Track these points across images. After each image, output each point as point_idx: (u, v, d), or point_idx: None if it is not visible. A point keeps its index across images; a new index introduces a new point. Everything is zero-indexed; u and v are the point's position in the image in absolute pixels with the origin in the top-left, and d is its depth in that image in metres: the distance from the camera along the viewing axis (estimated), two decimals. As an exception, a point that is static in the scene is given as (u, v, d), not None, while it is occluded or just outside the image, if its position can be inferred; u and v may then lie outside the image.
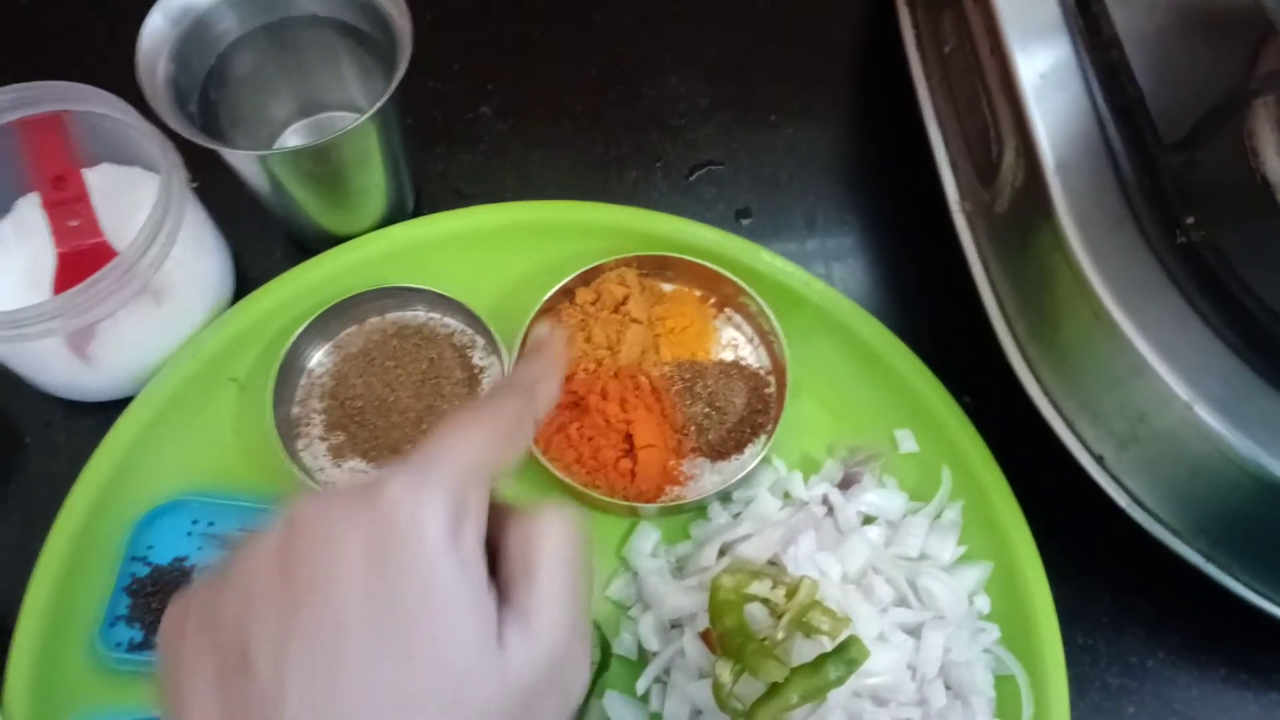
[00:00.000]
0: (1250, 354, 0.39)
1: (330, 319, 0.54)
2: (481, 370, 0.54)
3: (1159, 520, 0.44)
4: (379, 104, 0.48)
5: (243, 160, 0.50)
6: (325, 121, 0.59)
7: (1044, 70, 0.45)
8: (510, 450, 0.31)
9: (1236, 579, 0.43)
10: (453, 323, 0.56)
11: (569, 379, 0.52)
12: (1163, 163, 0.41)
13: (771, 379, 0.54)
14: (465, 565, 0.27)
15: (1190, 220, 0.40)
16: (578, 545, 0.30)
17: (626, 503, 0.49)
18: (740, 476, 0.49)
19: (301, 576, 0.26)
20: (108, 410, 0.53)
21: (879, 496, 0.49)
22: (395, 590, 0.26)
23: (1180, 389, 0.39)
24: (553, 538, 0.30)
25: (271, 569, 0.27)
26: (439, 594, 0.27)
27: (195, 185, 0.52)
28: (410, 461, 0.28)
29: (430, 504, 0.27)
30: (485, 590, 0.28)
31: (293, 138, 0.59)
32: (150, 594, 0.49)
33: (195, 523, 0.51)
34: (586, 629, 0.30)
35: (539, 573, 0.29)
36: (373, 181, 0.54)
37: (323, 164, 0.51)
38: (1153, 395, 0.40)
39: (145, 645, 0.48)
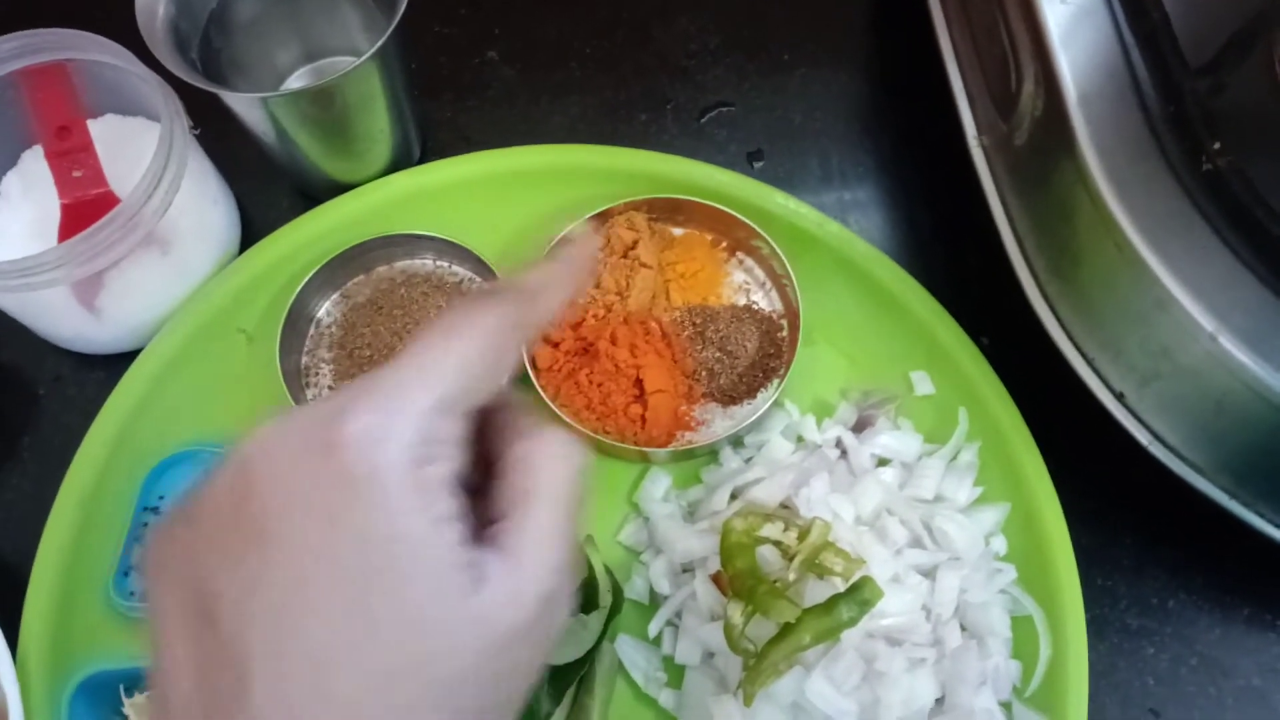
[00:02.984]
0: (1279, 284, 0.38)
1: (337, 268, 0.54)
2: (490, 318, 0.54)
3: (1182, 458, 0.43)
4: (379, 44, 0.47)
5: (244, 104, 0.49)
6: (329, 67, 0.58)
7: (1065, -6, 0.43)
8: (494, 371, 0.27)
9: (1262, 516, 0.42)
10: (461, 270, 0.55)
11: (578, 325, 0.52)
12: (1188, 88, 0.40)
13: (784, 323, 0.53)
14: (432, 511, 0.25)
15: (1217, 147, 0.38)
16: (579, 477, 0.28)
17: (637, 448, 0.49)
18: (752, 420, 0.49)
19: (257, 527, 0.24)
20: (118, 363, 0.53)
21: (893, 439, 0.48)
22: (357, 546, 0.24)
23: (1205, 321, 0.38)
24: (555, 469, 0.28)
25: (228, 513, 0.25)
26: (404, 548, 0.24)
27: (197, 131, 0.51)
28: (375, 389, 0.25)
29: (393, 446, 0.24)
30: (455, 536, 0.25)
31: (297, 84, 0.58)
32: (163, 543, 0.49)
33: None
34: (572, 562, 0.28)
35: (536, 507, 0.27)
36: (377, 127, 0.53)
37: (325, 108, 0.50)
38: (1177, 328, 0.39)
39: (159, 593, 0.48)
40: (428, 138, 0.60)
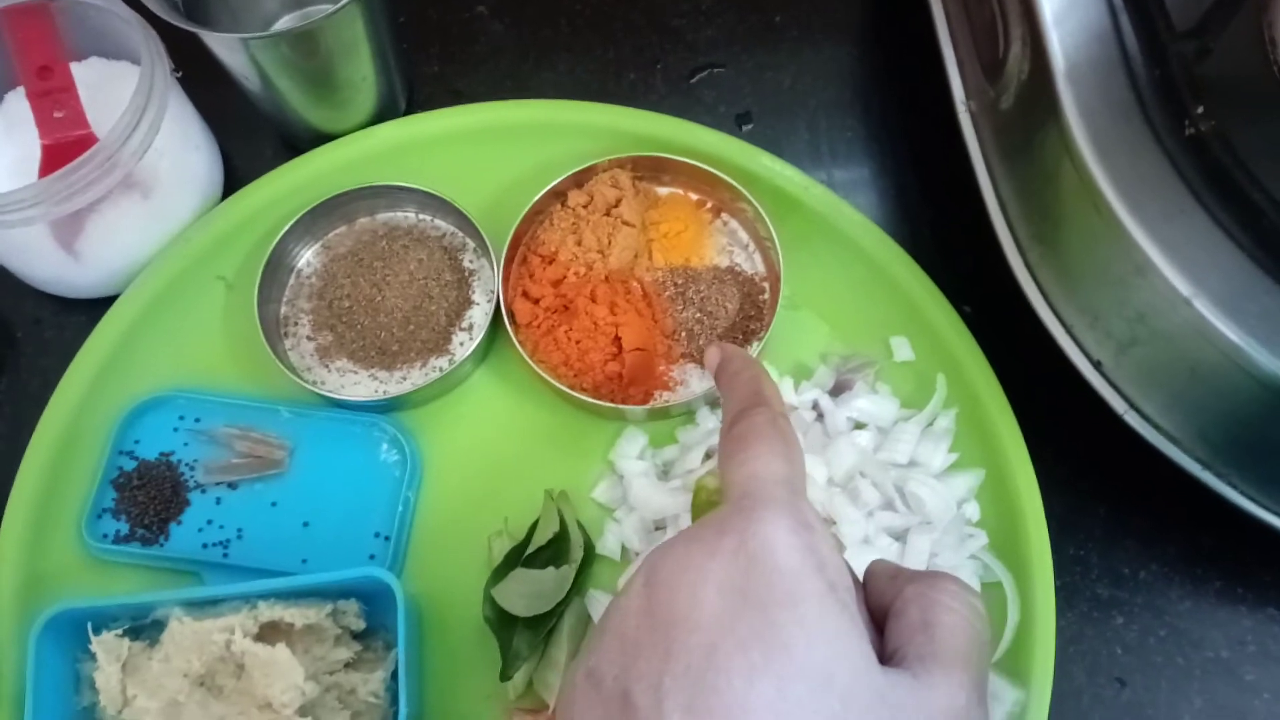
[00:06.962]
0: (1257, 250, 0.37)
1: (319, 218, 0.53)
2: (471, 273, 0.53)
3: (1157, 427, 0.43)
4: (362, -13, 0.46)
5: (225, 46, 0.49)
6: (316, 14, 0.57)
7: (1054, -46, 0.43)
8: (799, 453, 0.33)
9: (1235, 488, 0.42)
10: (443, 224, 0.55)
11: (558, 282, 0.51)
12: (1173, 50, 0.39)
13: (766, 285, 0.52)
14: (827, 575, 0.27)
15: (1200, 111, 0.38)
16: (981, 620, 0.29)
17: (614, 405, 0.49)
18: (729, 380, 0.48)
19: (665, 615, 0.27)
20: (98, 307, 0.53)
21: (870, 403, 0.48)
22: (760, 607, 0.26)
23: (1181, 285, 0.37)
24: (955, 604, 0.29)
25: (637, 616, 0.28)
26: (806, 606, 0.26)
27: (179, 74, 0.50)
28: (733, 497, 0.30)
29: (774, 522, 0.28)
30: (855, 606, 0.27)
31: (280, 28, 0.57)
32: (136, 487, 0.48)
33: (182, 418, 0.50)
34: (986, 709, 0.28)
35: (938, 628, 0.28)
36: (360, 74, 0.52)
37: (307, 53, 0.49)
38: (1153, 293, 0.39)
39: (130, 537, 0.48)
40: (414, 90, 0.59)
